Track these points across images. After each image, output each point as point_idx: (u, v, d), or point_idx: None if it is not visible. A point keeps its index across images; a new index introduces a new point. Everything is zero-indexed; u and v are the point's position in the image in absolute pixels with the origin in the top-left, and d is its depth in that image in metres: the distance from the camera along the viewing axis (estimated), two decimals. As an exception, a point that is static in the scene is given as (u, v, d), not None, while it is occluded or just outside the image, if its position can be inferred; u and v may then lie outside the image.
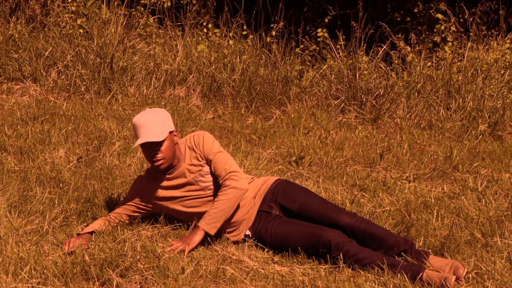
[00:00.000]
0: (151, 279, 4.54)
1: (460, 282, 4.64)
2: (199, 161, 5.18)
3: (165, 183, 5.26)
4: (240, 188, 5.06)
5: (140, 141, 4.98)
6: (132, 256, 4.75)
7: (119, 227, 5.13)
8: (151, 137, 4.97)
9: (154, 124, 5.03)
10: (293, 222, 5.11)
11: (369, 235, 4.92)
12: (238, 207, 5.17)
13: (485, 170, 6.80)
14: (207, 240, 5.01)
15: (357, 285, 4.56)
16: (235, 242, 5.17)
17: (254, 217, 5.21)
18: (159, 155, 5.04)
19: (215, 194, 5.16)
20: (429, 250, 5.07)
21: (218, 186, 5.17)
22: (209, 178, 5.22)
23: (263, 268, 4.80)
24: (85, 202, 5.55)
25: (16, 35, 9.48)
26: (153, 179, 5.30)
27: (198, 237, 4.97)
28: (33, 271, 4.53)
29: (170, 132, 5.15)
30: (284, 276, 4.71)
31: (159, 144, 5.03)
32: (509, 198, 6.17)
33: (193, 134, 5.31)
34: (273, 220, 5.14)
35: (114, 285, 4.46)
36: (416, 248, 4.97)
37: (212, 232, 4.98)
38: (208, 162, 5.18)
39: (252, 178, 5.44)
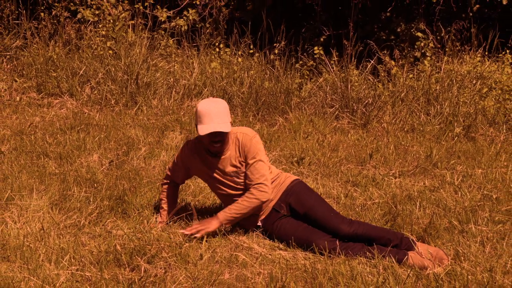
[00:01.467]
0: (174, 265, 4.57)
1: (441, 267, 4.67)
2: (240, 163, 5.09)
3: (208, 162, 5.17)
4: (263, 200, 5.01)
5: (212, 128, 4.84)
6: (157, 245, 4.79)
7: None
8: (222, 127, 4.86)
9: (221, 113, 4.91)
10: (295, 226, 5.08)
11: (367, 237, 4.94)
12: None
13: (461, 167, 6.82)
14: (222, 230, 5.03)
15: (351, 267, 4.59)
16: (246, 230, 5.19)
17: (268, 212, 5.22)
18: (219, 143, 4.96)
19: (243, 190, 5.13)
20: (415, 238, 5.09)
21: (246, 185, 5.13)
22: (243, 178, 5.15)
23: (270, 254, 4.83)
24: (116, 199, 5.57)
25: (55, 57, 9.51)
26: (197, 153, 5.21)
27: (214, 225, 4.96)
28: (72, 259, 4.56)
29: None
30: (288, 260, 4.74)
31: (225, 132, 4.94)
32: (481, 190, 6.18)
33: (243, 131, 5.12)
34: (280, 219, 5.14)
35: (142, 271, 4.48)
36: (405, 237, 5.00)
37: (225, 222, 4.99)
38: (246, 164, 5.08)
39: (279, 172, 5.37)
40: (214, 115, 4.87)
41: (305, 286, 4.43)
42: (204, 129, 4.86)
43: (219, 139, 4.92)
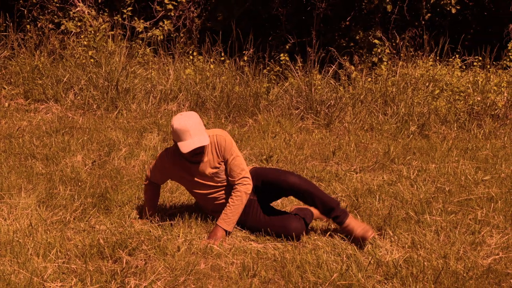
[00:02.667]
0: (153, 257, 4.55)
1: (366, 242, 4.79)
2: (219, 164, 5.03)
3: (188, 168, 5.08)
4: (249, 192, 4.98)
5: (194, 145, 4.77)
6: (137, 239, 4.76)
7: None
8: (203, 141, 4.79)
9: (198, 127, 4.81)
10: (265, 214, 5.09)
11: (310, 194, 4.95)
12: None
13: (416, 162, 6.85)
14: (199, 225, 5.02)
15: (317, 256, 4.58)
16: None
17: None
18: (201, 154, 4.91)
19: (223, 187, 5.10)
20: (375, 228, 5.11)
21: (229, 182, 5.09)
22: (223, 175, 5.08)
23: (242, 245, 4.82)
24: (99, 197, 5.54)
25: (40, 65, 9.45)
26: (177, 162, 5.11)
27: (219, 233, 4.90)
28: (58, 253, 4.53)
29: None
30: (259, 250, 4.72)
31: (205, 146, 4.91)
32: (435, 183, 6.21)
33: (216, 132, 5.03)
34: (250, 207, 5.13)
35: (124, 262, 4.45)
36: (341, 207, 5.04)
37: (230, 229, 4.92)
38: (225, 162, 5.02)
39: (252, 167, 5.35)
40: (192, 130, 4.80)
41: (275, 274, 4.41)
42: (186, 146, 4.79)
43: (200, 151, 4.88)
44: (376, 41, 10.07)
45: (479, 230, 5.14)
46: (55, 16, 10.53)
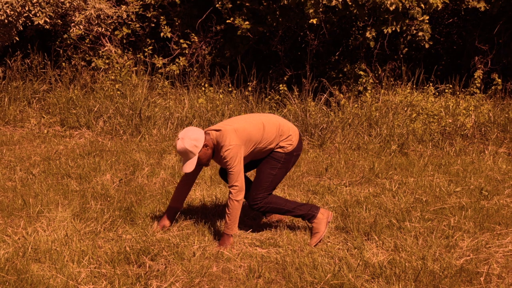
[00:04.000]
0: (172, 261, 4.55)
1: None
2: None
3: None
4: (238, 199, 4.79)
5: (183, 170, 4.83)
6: (158, 246, 4.76)
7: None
8: (186, 169, 4.76)
9: (186, 156, 4.77)
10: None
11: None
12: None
13: (397, 176, 6.84)
14: (211, 234, 5.01)
15: (313, 259, 4.58)
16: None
17: None
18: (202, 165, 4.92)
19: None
20: (362, 233, 5.09)
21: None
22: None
23: (248, 250, 4.81)
24: (125, 210, 5.54)
25: (74, 97, 9.49)
26: None
27: (227, 241, 4.86)
28: (90, 259, 4.53)
29: (204, 146, 4.80)
30: (263, 255, 4.72)
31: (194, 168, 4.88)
32: (414, 195, 6.20)
33: (224, 141, 4.79)
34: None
35: (147, 267, 4.45)
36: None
37: (234, 232, 4.89)
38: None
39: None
40: (184, 158, 4.81)
41: (277, 275, 4.41)
42: (182, 170, 4.88)
43: (199, 168, 4.96)
44: (361, 72, 10.10)
45: (452, 235, 5.14)
46: (87, 55, 10.58)
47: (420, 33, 9.74)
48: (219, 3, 10.33)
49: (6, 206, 5.57)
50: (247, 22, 10.23)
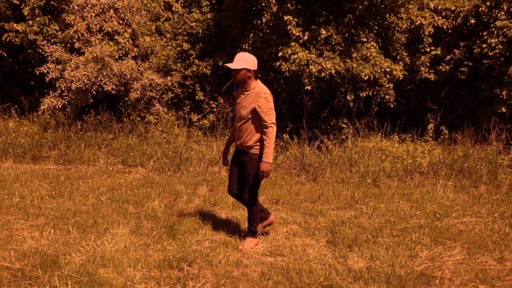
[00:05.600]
0: (204, 267, 4.50)
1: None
2: (251, 107, 4.64)
3: (239, 94, 4.79)
4: (273, 132, 4.60)
5: (227, 65, 4.59)
6: (194, 255, 4.72)
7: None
8: (230, 65, 4.57)
9: (238, 59, 4.58)
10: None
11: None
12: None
13: (372, 203, 6.78)
14: (233, 246, 4.97)
15: (309, 265, 4.51)
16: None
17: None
18: (232, 77, 4.64)
19: (243, 127, 4.75)
20: (346, 247, 5.02)
21: (248, 124, 4.71)
22: (247, 115, 4.68)
23: (260, 259, 4.76)
24: (169, 228, 5.51)
25: (132, 144, 9.53)
26: (238, 88, 4.83)
27: (265, 167, 4.63)
28: (143, 265, 4.49)
29: (246, 69, 4.61)
30: (272, 262, 4.67)
31: (232, 69, 4.60)
32: (384, 217, 6.14)
33: (263, 89, 4.61)
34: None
35: (185, 271, 4.41)
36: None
37: (270, 160, 4.61)
38: (258, 112, 4.62)
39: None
40: (235, 59, 4.61)
41: (282, 278, 4.35)
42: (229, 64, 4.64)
43: (232, 73, 4.69)
44: (343, 125, 10.12)
45: (414, 247, 5.07)
46: (142, 112, 10.67)
47: (387, 96, 9.77)
48: (239, 74, 10.42)
49: (81, 224, 5.57)
50: (259, 88, 10.30)
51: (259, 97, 4.61)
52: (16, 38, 10.14)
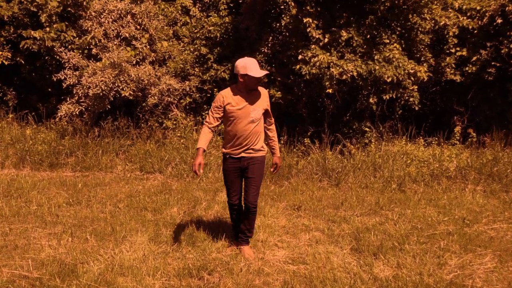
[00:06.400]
0: (225, 275, 4.46)
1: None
2: (262, 108, 4.69)
3: (243, 97, 4.67)
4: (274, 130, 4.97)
5: (262, 73, 4.51)
6: (214, 263, 4.68)
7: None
8: (264, 72, 4.54)
9: (258, 65, 4.60)
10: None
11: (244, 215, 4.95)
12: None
13: (397, 209, 6.69)
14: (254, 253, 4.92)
15: (333, 274, 4.44)
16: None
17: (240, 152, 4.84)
18: (259, 82, 4.63)
19: (253, 131, 4.69)
20: (372, 254, 4.95)
21: (259, 126, 4.74)
22: (259, 117, 4.70)
23: (283, 267, 4.71)
24: (188, 235, 5.49)
25: (150, 150, 9.56)
26: (235, 92, 4.72)
27: (278, 161, 5.00)
28: (162, 273, 4.48)
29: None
30: (295, 271, 4.61)
31: (263, 76, 4.73)
32: (411, 223, 6.03)
33: (261, 87, 4.74)
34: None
35: (205, 280, 4.38)
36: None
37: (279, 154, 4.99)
38: (268, 109, 4.78)
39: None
40: (257, 65, 4.58)
41: (305, 287, 4.29)
42: (258, 73, 4.53)
43: (261, 80, 4.83)
44: (366, 129, 10.02)
45: (443, 255, 4.96)
46: (160, 118, 10.70)
47: (411, 99, 9.66)
48: (258, 79, 10.41)
49: (99, 232, 5.58)
50: (279, 92, 10.30)
51: (266, 96, 4.79)
52: (34, 45, 10.26)
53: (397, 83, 9.42)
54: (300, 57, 9.48)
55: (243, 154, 4.80)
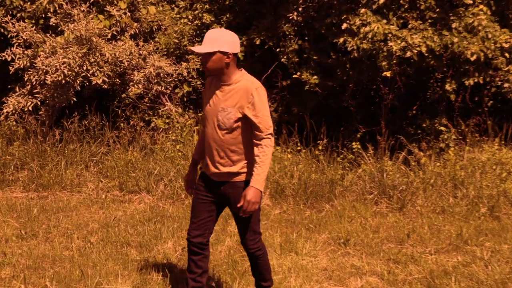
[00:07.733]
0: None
1: None
2: (235, 110, 4.39)
3: (212, 89, 4.57)
4: (272, 145, 4.37)
5: (192, 48, 4.42)
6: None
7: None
8: (196, 48, 4.36)
9: (208, 39, 4.34)
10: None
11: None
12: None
13: (489, 243, 6.65)
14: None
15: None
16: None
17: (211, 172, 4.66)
18: (203, 63, 4.40)
19: (222, 142, 4.47)
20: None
21: (237, 138, 4.46)
22: (228, 125, 4.42)
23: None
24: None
25: (133, 159, 9.62)
26: (210, 82, 4.62)
27: (257, 194, 4.36)
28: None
29: (222, 52, 4.34)
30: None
31: (202, 55, 4.36)
32: (509, 264, 5.99)
33: (253, 81, 4.48)
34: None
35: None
36: None
37: (261, 188, 4.34)
38: (249, 116, 4.38)
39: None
40: (205, 40, 4.39)
41: None
42: (196, 47, 4.42)
43: (201, 59, 4.43)
44: (442, 128, 9.95)
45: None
46: (146, 115, 10.76)
47: (506, 84, 9.56)
48: (285, 57, 10.42)
49: (64, 278, 5.61)
50: (315, 77, 10.27)
51: (249, 93, 4.42)
52: (-31, 13, 10.39)
53: (485, 62, 9.34)
54: (344, 26, 9.46)
55: (213, 170, 4.60)
